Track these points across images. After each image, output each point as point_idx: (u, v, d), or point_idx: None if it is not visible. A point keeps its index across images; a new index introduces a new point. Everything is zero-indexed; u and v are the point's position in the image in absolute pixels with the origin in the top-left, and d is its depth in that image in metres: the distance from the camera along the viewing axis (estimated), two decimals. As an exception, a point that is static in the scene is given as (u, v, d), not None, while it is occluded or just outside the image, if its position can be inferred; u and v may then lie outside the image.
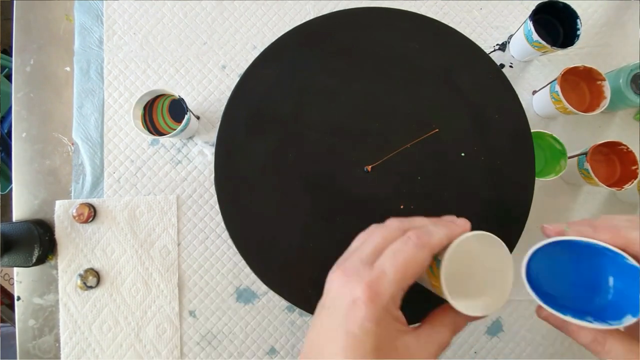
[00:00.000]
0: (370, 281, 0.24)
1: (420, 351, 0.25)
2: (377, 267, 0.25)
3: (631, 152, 0.50)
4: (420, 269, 0.25)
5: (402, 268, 0.24)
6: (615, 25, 0.59)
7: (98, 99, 0.56)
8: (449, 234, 0.26)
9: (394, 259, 0.25)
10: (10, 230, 0.50)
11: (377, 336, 0.24)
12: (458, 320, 0.28)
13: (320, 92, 0.41)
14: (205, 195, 0.54)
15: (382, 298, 0.24)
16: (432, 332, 0.27)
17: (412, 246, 0.25)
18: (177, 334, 0.52)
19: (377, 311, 0.24)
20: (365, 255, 0.26)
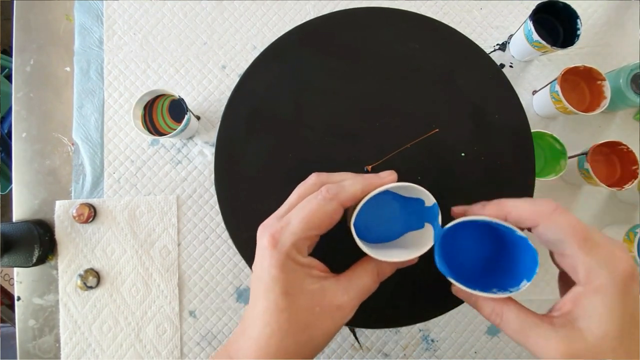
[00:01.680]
0: (274, 231, 0.26)
1: (339, 293, 0.27)
2: (284, 219, 0.27)
3: (631, 152, 0.50)
4: (327, 220, 0.27)
5: (305, 219, 0.26)
6: (615, 25, 0.59)
7: (98, 99, 0.56)
8: (364, 187, 0.27)
9: (300, 211, 0.27)
10: (11, 231, 0.50)
11: (282, 281, 0.25)
12: (382, 267, 0.29)
13: (320, 92, 0.41)
14: (205, 195, 0.54)
15: (283, 245, 0.26)
16: (352, 277, 0.28)
17: (320, 199, 0.27)
18: (177, 334, 0.52)
19: (279, 258, 0.25)
20: (280, 212, 0.28)
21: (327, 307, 0.26)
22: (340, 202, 0.27)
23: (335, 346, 0.53)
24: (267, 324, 0.26)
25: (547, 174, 0.52)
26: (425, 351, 0.53)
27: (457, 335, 0.54)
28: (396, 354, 0.53)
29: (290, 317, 0.25)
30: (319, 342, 0.26)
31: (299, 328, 0.26)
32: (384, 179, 0.29)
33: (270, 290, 0.26)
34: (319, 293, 0.26)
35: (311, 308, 0.26)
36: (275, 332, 0.25)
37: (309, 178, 0.30)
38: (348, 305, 0.27)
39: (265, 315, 0.26)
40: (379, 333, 0.53)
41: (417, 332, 0.54)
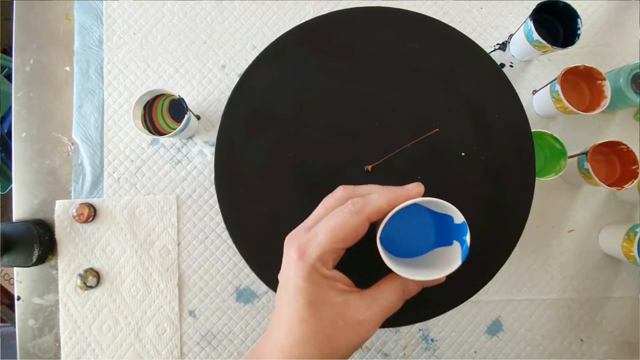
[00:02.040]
0: (301, 243, 0.27)
1: (362, 309, 0.27)
2: (311, 232, 0.27)
3: (631, 151, 0.50)
4: (353, 233, 0.27)
5: (331, 232, 0.26)
6: (615, 24, 0.59)
7: (98, 99, 0.56)
8: (390, 200, 0.27)
9: (327, 224, 0.27)
10: (10, 230, 0.50)
11: (307, 292, 0.26)
12: (408, 285, 0.29)
13: (320, 91, 0.40)
14: (205, 195, 0.54)
15: (309, 257, 0.26)
16: (377, 293, 0.28)
17: (346, 212, 0.27)
18: (177, 333, 0.52)
19: (305, 269, 0.26)
20: (307, 224, 0.29)
21: (350, 321, 0.26)
22: (366, 216, 0.27)
23: (335, 346, 0.53)
24: (290, 332, 0.26)
25: (547, 174, 0.52)
26: (425, 351, 0.53)
27: (457, 334, 0.54)
28: (396, 354, 0.53)
29: (313, 328, 0.26)
30: (341, 354, 0.26)
31: (322, 339, 0.26)
32: (410, 192, 0.29)
33: (294, 300, 0.26)
34: (342, 306, 0.27)
35: (334, 321, 0.26)
36: (298, 341, 0.26)
37: (336, 190, 0.30)
38: (371, 321, 0.27)
39: (288, 324, 0.26)
40: (378, 332, 0.53)
41: (417, 332, 0.54)
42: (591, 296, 0.55)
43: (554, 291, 0.54)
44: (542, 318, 0.54)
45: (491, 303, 0.54)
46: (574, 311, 0.54)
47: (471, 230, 0.28)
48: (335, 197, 0.29)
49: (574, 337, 0.54)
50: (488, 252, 0.38)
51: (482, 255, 0.38)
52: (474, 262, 0.38)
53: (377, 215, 0.27)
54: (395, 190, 0.29)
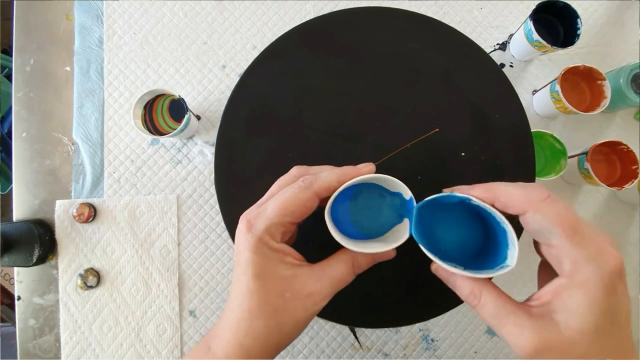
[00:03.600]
0: (251, 217, 0.27)
1: (311, 281, 0.27)
2: (261, 207, 0.28)
3: (631, 151, 0.50)
4: (302, 208, 0.27)
5: (280, 206, 0.27)
6: (615, 24, 0.59)
7: (98, 99, 0.56)
8: (340, 177, 0.28)
9: (277, 199, 0.27)
10: (11, 230, 0.50)
11: (255, 264, 0.26)
12: (357, 258, 0.29)
13: (321, 91, 0.40)
14: (206, 195, 0.54)
15: (257, 229, 0.26)
16: (326, 266, 0.28)
17: (296, 188, 0.27)
18: (177, 333, 0.52)
19: (253, 241, 0.26)
20: (260, 200, 0.29)
21: (298, 293, 0.27)
22: (315, 191, 0.27)
23: (335, 346, 0.53)
24: (239, 307, 0.26)
25: (547, 174, 0.52)
26: (425, 351, 0.53)
27: (457, 334, 0.54)
28: (396, 354, 0.53)
29: (260, 300, 0.26)
30: (289, 329, 0.27)
31: (269, 312, 0.26)
32: (360, 170, 0.29)
33: (243, 273, 0.26)
34: (290, 279, 0.27)
35: (282, 293, 0.26)
36: (245, 315, 0.26)
37: (290, 170, 0.31)
38: (320, 292, 0.27)
39: (238, 298, 0.27)
40: (379, 333, 0.53)
41: (417, 332, 0.54)
42: (591, 296, 0.55)
43: (554, 291, 0.54)
44: (542, 318, 0.54)
45: (491, 303, 0.54)
46: (574, 311, 0.54)
47: None
48: (289, 175, 0.30)
49: (574, 337, 0.54)
50: (488, 252, 0.38)
51: (482, 255, 0.38)
52: (474, 262, 0.38)
53: (326, 191, 0.28)
54: (346, 168, 0.29)
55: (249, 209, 0.29)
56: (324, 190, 0.28)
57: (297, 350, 0.52)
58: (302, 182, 0.28)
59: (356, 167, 0.29)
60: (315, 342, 0.53)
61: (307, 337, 0.53)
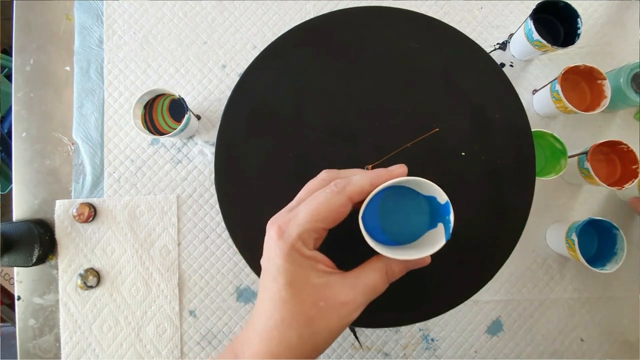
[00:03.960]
0: (282, 223, 0.26)
1: (344, 290, 0.26)
2: (292, 212, 0.27)
3: (631, 151, 0.50)
4: (334, 213, 0.26)
5: (312, 211, 0.26)
6: (615, 24, 0.59)
7: (98, 99, 0.56)
8: (373, 180, 0.27)
9: (308, 204, 0.27)
10: (11, 230, 0.50)
11: (288, 272, 0.25)
12: (391, 265, 0.28)
13: (321, 91, 0.40)
14: (206, 194, 0.54)
15: (289, 236, 0.26)
16: (360, 274, 0.27)
17: (328, 192, 0.27)
18: (177, 333, 0.52)
19: (284, 248, 0.25)
20: (289, 206, 0.29)
21: (332, 302, 0.26)
22: (348, 196, 0.26)
23: (335, 345, 0.53)
24: (271, 316, 0.25)
25: (547, 174, 0.52)
26: (425, 350, 0.53)
27: (457, 334, 0.54)
28: (396, 354, 0.53)
29: (294, 309, 0.25)
30: (323, 339, 0.26)
31: (302, 321, 0.25)
32: (392, 172, 0.28)
33: (274, 281, 0.26)
34: (324, 287, 0.26)
35: (315, 302, 0.25)
36: (278, 324, 0.25)
37: (319, 174, 0.30)
38: (354, 302, 0.26)
39: (269, 306, 0.26)
40: (379, 332, 0.53)
41: (417, 332, 0.54)
42: (591, 296, 0.55)
43: (554, 291, 0.54)
44: (542, 318, 0.54)
45: (491, 303, 0.54)
46: (574, 311, 0.54)
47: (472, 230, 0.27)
48: (318, 179, 0.29)
49: (574, 337, 0.54)
50: (488, 252, 0.38)
51: (482, 255, 0.38)
52: (474, 262, 0.38)
53: (359, 195, 0.27)
54: (379, 170, 0.28)
55: (278, 214, 0.28)
56: (357, 194, 0.27)
57: (297, 350, 0.52)
58: (334, 187, 0.27)
59: (389, 170, 0.28)
60: (316, 342, 0.53)
61: (307, 337, 0.53)
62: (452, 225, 0.26)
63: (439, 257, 0.28)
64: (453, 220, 0.26)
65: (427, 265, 0.29)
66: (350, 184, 0.27)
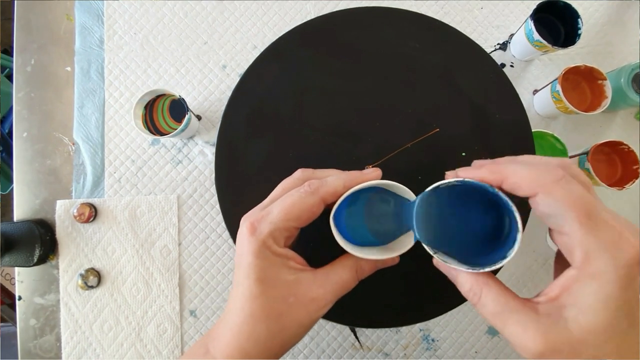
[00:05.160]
0: (254, 219, 0.27)
1: (314, 286, 0.27)
2: (265, 210, 0.27)
3: (632, 151, 0.50)
4: (307, 213, 0.27)
5: (285, 210, 0.26)
6: (616, 24, 0.59)
7: (99, 99, 0.56)
8: (346, 183, 0.28)
9: (282, 202, 0.27)
10: (11, 230, 0.50)
11: (258, 268, 0.26)
12: (361, 264, 0.29)
13: (321, 91, 0.40)
14: (206, 195, 0.54)
15: (261, 233, 0.26)
16: (330, 272, 0.28)
17: (302, 192, 0.27)
18: (177, 333, 0.52)
19: (256, 245, 0.26)
20: (263, 204, 0.29)
21: (302, 298, 0.26)
22: (321, 196, 0.27)
23: (335, 346, 0.53)
24: (241, 310, 0.26)
25: (547, 174, 0.52)
26: (426, 351, 0.53)
27: (458, 334, 0.54)
28: (397, 354, 0.53)
29: (264, 304, 0.26)
30: (292, 333, 0.26)
31: (272, 316, 0.26)
32: (366, 175, 0.29)
33: (246, 277, 0.26)
34: (294, 284, 0.27)
35: (285, 298, 0.26)
36: (248, 319, 0.26)
37: (295, 173, 0.30)
38: (323, 298, 0.27)
39: (240, 301, 0.26)
40: (379, 333, 0.53)
41: (418, 332, 0.54)
42: (592, 296, 0.54)
43: (554, 291, 0.54)
44: (542, 318, 0.54)
45: (492, 303, 0.54)
46: (574, 311, 0.54)
47: None
48: (293, 178, 0.30)
49: (574, 337, 0.54)
50: (489, 252, 0.38)
51: (483, 255, 0.38)
52: (475, 262, 0.38)
53: (332, 196, 0.27)
54: (352, 173, 0.29)
55: (252, 211, 0.28)
56: (330, 195, 0.27)
57: (298, 350, 0.52)
58: (308, 187, 0.27)
59: (362, 173, 0.29)
60: (316, 342, 0.53)
61: (308, 337, 0.53)
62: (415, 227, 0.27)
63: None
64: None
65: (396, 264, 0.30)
66: (324, 185, 0.27)
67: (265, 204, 0.29)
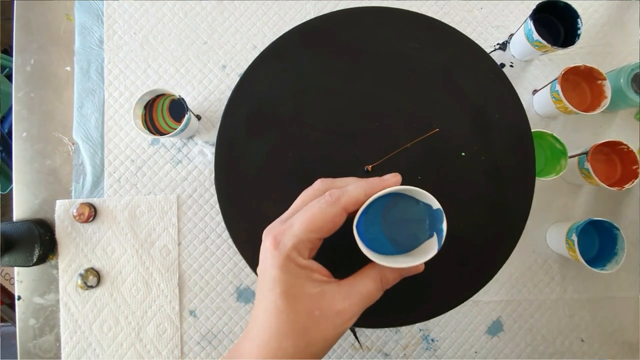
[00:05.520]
0: (277, 233, 0.27)
1: (339, 298, 0.27)
2: (287, 223, 0.27)
3: (632, 151, 0.50)
4: (329, 224, 0.27)
5: (307, 221, 0.26)
6: (615, 24, 0.59)
7: (98, 99, 0.56)
8: (367, 190, 0.27)
9: (303, 214, 0.27)
10: (11, 230, 0.50)
11: (283, 282, 0.26)
12: (385, 273, 0.29)
13: (321, 91, 0.40)
14: (206, 194, 0.54)
15: (284, 246, 0.26)
16: (354, 283, 0.28)
17: (323, 203, 0.27)
18: (177, 333, 0.52)
19: (280, 258, 0.26)
20: (284, 216, 0.29)
21: (327, 311, 0.26)
22: (343, 206, 0.27)
23: (335, 346, 0.53)
24: (267, 326, 0.26)
25: (547, 174, 0.52)
26: (426, 351, 0.53)
27: (457, 335, 0.54)
28: (396, 354, 0.53)
29: (289, 319, 0.25)
30: (319, 348, 0.26)
31: (298, 331, 0.25)
32: (386, 182, 0.28)
33: (270, 291, 0.26)
34: (319, 297, 0.26)
35: (311, 311, 0.26)
36: (274, 334, 0.25)
37: (314, 184, 0.30)
38: (349, 311, 0.27)
39: (265, 316, 0.26)
40: (379, 332, 0.53)
41: (417, 332, 0.54)
42: (592, 296, 0.55)
43: (554, 291, 0.54)
44: (542, 318, 0.54)
45: (491, 303, 0.54)
46: (574, 311, 0.54)
47: (472, 230, 0.27)
48: (313, 189, 0.29)
49: (574, 338, 0.54)
50: (488, 252, 0.38)
51: (483, 256, 0.38)
52: (474, 262, 0.38)
53: (354, 205, 0.27)
54: (372, 180, 0.28)
55: (273, 224, 0.28)
56: (352, 204, 0.27)
57: (297, 350, 0.52)
58: (329, 197, 0.27)
59: (382, 179, 0.29)
60: (316, 342, 0.53)
61: (307, 337, 0.53)
62: (444, 235, 0.26)
63: (439, 257, 0.28)
64: (445, 228, 0.26)
65: (421, 272, 0.29)
66: (345, 194, 0.27)
67: (286, 216, 0.29)
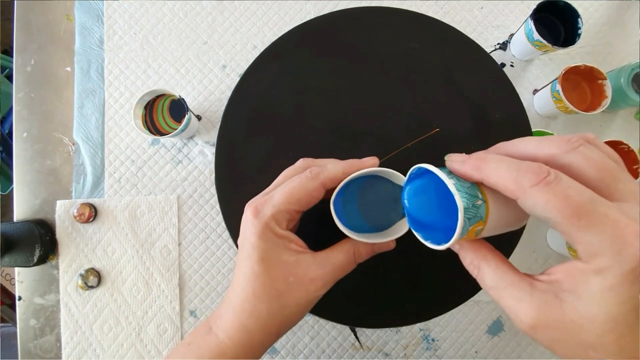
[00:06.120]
0: (258, 204, 0.28)
1: (314, 267, 0.28)
2: (268, 195, 0.29)
3: (632, 151, 0.50)
4: (308, 197, 0.28)
5: (286, 194, 0.28)
6: (616, 24, 0.59)
7: (99, 99, 0.56)
8: (345, 169, 0.29)
9: (283, 187, 0.29)
10: (11, 230, 0.50)
11: (261, 249, 0.27)
12: (359, 247, 0.30)
13: (321, 91, 0.40)
14: (206, 195, 0.54)
15: (264, 215, 0.28)
16: (329, 255, 0.29)
17: (303, 177, 0.28)
18: (178, 333, 0.52)
19: (259, 227, 0.27)
20: (267, 189, 0.31)
21: (301, 278, 0.28)
22: (321, 182, 0.28)
23: (335, 346, 0.53)
24: (243, 289, 0.28)
25: (547, 174, 0.52)
26: (426, 351, 0.53)
27: (458, 334, 0.54)
28: (397, 354, 0.53)
29: (265, 283, 0.27)
30: (291, 312, 0.28)
31: (272, 295, 0.27)
32: (364, 163, 0.30)
33: (249, 257, 0.27)
34: (294, 264, 0.28)
35: (285, 277, 0.27)
36: (249, 297, 0.27)
37: (296, 162, 0.32)
38: (322, 278, 0.28)
39: (242, 281, 0.28)
40: (379, 332, 0.53)
41: (418, 332, 0.54)
42: (592, 296, 0.54)
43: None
44: (543, 318, 0.54)
45: (492, 303, 0.54)
46: (575, 311, 0.54)
47: None
48: (295, 167, 0.31)
49: (575, 337, 0.54)
50: (489, 252, 0.38)
51: (483, 255, 0.38)
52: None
53: (332, 182, 0.29)
54: (351, 161, 0.30)
55: (255, 197, 0.30)
56: (330, 181, 0.29)
57: (298, 350, 0.52)
58: (309, 173, 0.29)
59: (361, 160, 0.30)
60: (316, 342, 0.53)
61: (308, 337, 0.53)
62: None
63: (439, 257, 0.28)
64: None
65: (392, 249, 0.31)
66: (324, 171, 0.29)
67: (268, 190, 0.30)
